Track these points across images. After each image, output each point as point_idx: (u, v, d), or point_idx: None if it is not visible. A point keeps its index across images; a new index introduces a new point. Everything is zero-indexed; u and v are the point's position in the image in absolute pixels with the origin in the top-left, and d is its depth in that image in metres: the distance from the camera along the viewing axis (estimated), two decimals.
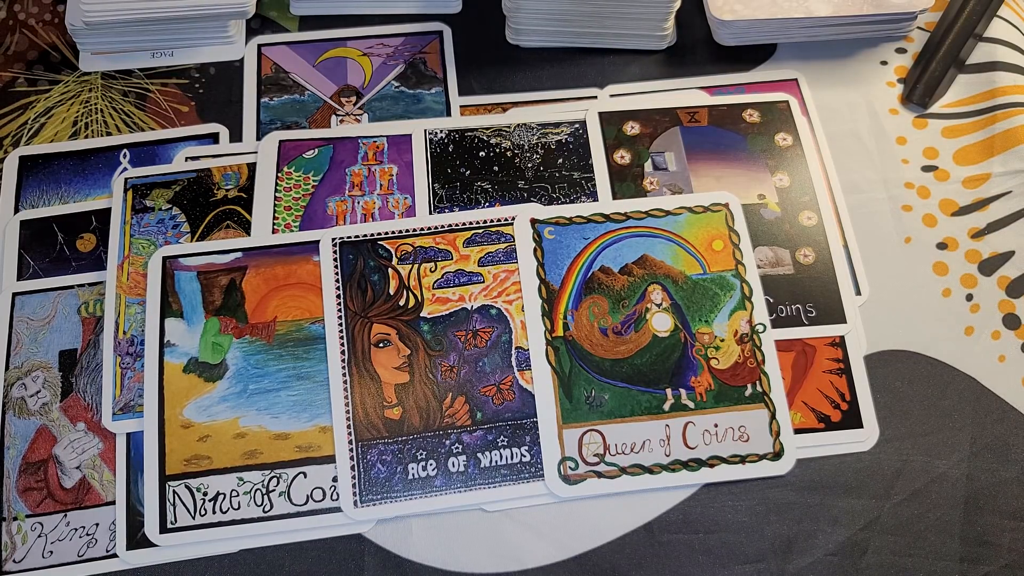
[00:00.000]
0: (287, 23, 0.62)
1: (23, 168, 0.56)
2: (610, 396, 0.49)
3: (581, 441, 0.48)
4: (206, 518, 0.46)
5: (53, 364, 0.50)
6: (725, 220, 0.53)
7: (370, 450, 0.47)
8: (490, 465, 0.47)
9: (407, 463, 0.47)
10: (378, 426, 0.48)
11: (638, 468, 0.47)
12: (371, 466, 0.47)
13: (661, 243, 0.52)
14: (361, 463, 0.47)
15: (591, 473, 0.47)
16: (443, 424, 0.48)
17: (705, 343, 0.50)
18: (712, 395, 0.49)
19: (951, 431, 0.50)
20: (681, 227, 0.53)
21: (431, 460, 0.47)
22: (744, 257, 0.52)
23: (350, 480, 0.47)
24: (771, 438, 0.48)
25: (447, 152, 0.56)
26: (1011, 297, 0.53)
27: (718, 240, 0.53)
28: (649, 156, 0.56)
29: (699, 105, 0.58)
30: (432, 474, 0.47)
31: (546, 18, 0.59)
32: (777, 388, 0.49)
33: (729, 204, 0.54)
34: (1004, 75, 0.59)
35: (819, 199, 0.55)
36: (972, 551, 0.47)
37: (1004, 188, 0.56)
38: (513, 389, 0.49)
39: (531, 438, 0.48)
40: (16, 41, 0.61)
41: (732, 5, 0.59)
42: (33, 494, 0.47)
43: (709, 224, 0.53)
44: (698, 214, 0.53)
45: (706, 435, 0.48)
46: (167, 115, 0.58)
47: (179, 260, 0.52)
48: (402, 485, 0.47)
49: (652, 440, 0.48)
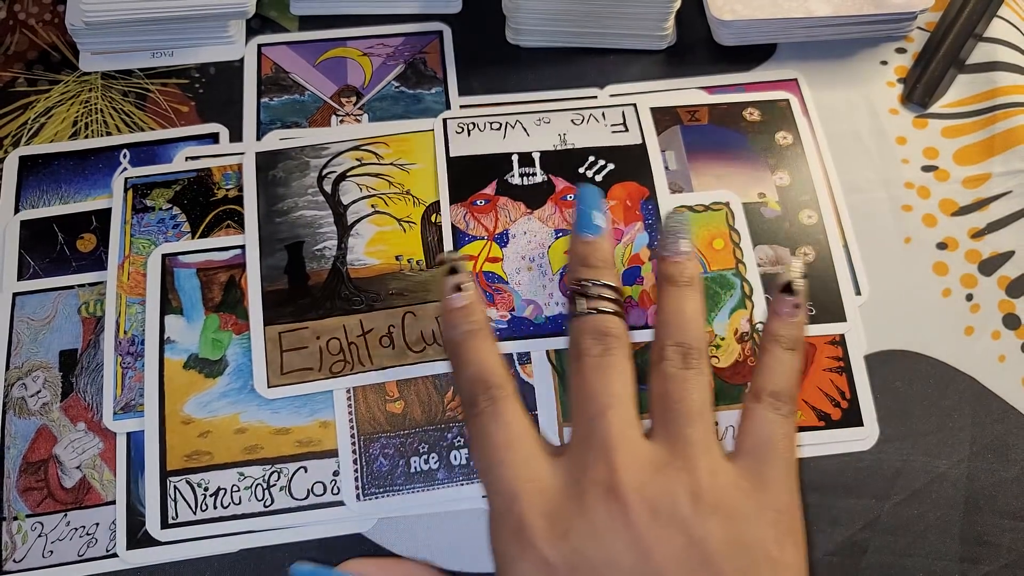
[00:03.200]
0: (287, 23, 0.62)
1: (23, 168, 0.56)
2: None
3: None
4: (207, 513, 0.46)
5: (53, 364, 0.50)
6: (726, 219, 0.53)
7: (372, 444, 0.47)
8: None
9: (409, 456, 0.47)
10: (380, 420, 0.48)
11: None
12: (373, 459, 0.47)
13: None
14: (363, 457, 0.47)
15: None
16: (445, 417, 0.48)
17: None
18: (713, 393, 0.49)
19: (951, 431, 0.50)
20: None
21: (433, 453, 0.47)
22: (744, 256, 0.52)
23: (352, 474, 0.47)
24: None
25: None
26: (1011, 297, 0.53)
27: (719, 239, 0.53)
28: None
29: (699, 104, 0.58)
30: (435, 467, 0.47)
31: (546, 18, 0.59)
32: None
33: (730, 203, 0.54)
34: (1004, 75, 0.59)
35: (819, 198, 0.55)
36: (972, 551, 0.47)
37: (1004, 188, 0.56)
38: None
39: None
40: (16, 41, 0.61)
41: (732, 5, 0.59)
42: (33, 494, 0.47)
43: (710, 223, 0.53)
44: (699, 213, 0.53)
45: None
46: (167, 115, 0.58)
47: (178, 257, 0.52)
48: (404, 478, 0.47)
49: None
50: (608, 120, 0.56)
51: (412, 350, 0.49)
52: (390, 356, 0.49)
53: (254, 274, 0.51)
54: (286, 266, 0.51)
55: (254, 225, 0.52)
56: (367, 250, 0.52)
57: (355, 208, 0.53)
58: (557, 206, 0.52)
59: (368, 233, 0.52)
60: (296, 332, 0.49)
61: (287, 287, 0.51)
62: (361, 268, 0.51)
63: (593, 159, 0.54)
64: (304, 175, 0.54)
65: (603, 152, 0.54)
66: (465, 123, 0.55)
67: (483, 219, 0.52)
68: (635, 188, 0.53)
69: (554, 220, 0.52)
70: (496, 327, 0.49)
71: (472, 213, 0.52)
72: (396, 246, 0.52)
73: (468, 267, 0.47)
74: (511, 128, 0.55)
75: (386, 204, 0.53)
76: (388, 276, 0.51)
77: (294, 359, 0.49)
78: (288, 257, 0.51)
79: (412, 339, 0.49)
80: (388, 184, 0.53)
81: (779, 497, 0.40)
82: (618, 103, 0.57)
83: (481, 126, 0.55)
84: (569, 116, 0.56)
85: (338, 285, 0.51)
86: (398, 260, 0.51)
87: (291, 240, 0.52)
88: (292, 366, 0.49)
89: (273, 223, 0.52)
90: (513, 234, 0.52)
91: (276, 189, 0.53)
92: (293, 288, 0.51)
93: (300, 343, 0.49)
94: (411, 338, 0.49)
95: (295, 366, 0.49)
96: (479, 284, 0.50)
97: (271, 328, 0.49)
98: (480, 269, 0.51)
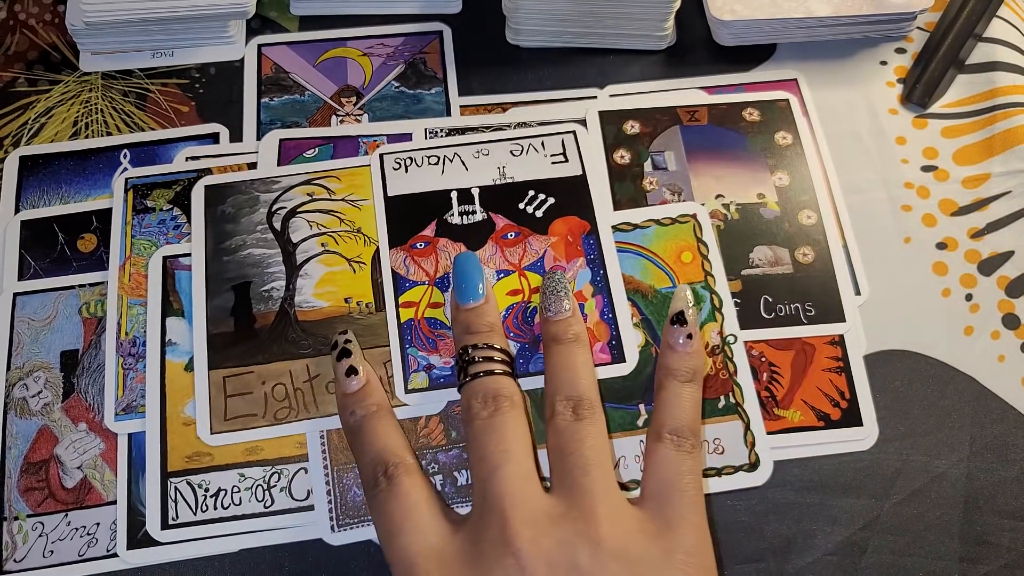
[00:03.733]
0: (287, 23, 0.62)
1: (23, 168, 0.56)
2: None
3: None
4: (207, 514, 0.46)
5: (54, 365, 0.50)
6: (693, 231, 0.53)
7: (346, 474, 0.47)
8: (467, 483, 0.47)
9: None
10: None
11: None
12: (348, 490, 0.47)
13: (630, 257, 0.52)
14: (337, 487, 0.47)
15: None
16: (418, 444, 0.47)
17: None
18: None
19: (951, 431, 0.50)
20: (649, 240, 0.52)
21: None
22: (713, 268, 0.52)
23: (327, 506, 0.46)
24: (746, 449, 0.48)
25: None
26: (1011, 297, 0.53)
27: (686, 252, 0.52)
28: (649, 155, 0.56)
29: (699, 104, 0.58)
30: None
31: (546, 18, 0.59)
32: (750, 398, 0.49)
33: (697, 215, 0.53)
34: (1004, 75, 0.59)
35: (819, 198, 0.55)
36: (972, 551, 0.47)
37: (1004, 188, 0.56)
38: None
39: None
40: (16, 41, 0.61)
41: (732, 5, 0.59)
42: (34, 494, 0.47)
43: (677, 236, 0.53)
44: (666, 226, 0.53)
45: None
46: (167, 115, 0.58)
47: (179, 259, 0.52)
48: None
49: (627, 457, 0.47)
50: (547, 150, 0.54)
51: None
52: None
53: (200, 316, 0.49)
54: (232, 307, 0.50)
55: (201, 264, 0.51)
56: (316, 291, 0.50)
57: (304, 247, 0.51)
58: (498, 246, 0.51)
59: (317, 273, 0.51)
60: (241, 377, 0.48)
61: (233, 329, 0.49)
62: (309, 310, 0.50)
63: (533, 193, 0.53)
64: (254, 211, 0.52)
65: (543, 185, 0.53)
66: (402, 158, 0.54)
67: (423, 263, 0.51)
68: (576, 222, 0.52)
69: (495, 261, 0.51)
70: (439, 374, 0.48)
71: (412, 257, 0.51)
72: (345, 287, 0.50)
73: (358, 350, 0.46)
74: (449, 162, 0.53)
75: (336, 243, 0.51)
76: (336, 319, 0.49)
77: (239, 405, 0.48)
78: (235, 298, 0.50)
79: None
80: (339, 221, 0.52)
81: (686, 538, 0.39)
82: (557, 131, 0.55)
83: (419, 161, 0.53)
84: (508, 147, 0.54)
85: (285, 328, 0.49)
86: (347, 303, 0.50)
87: (238, 280, 0.50)
88: (236, 412, 0.47)
89: (221, 261, 0.51)
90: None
91: (225, 225, 0.52)
92: (239, 330, 0.49)
93: (245, 388, 0.48)
94: None
95: (239, 412, 0.47)
96: (423, 330, 0.49)
97: (216, 372, 0.48)
98: (422, 316, 0.49)
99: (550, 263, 0.51)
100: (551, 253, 0.51)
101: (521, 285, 0.50)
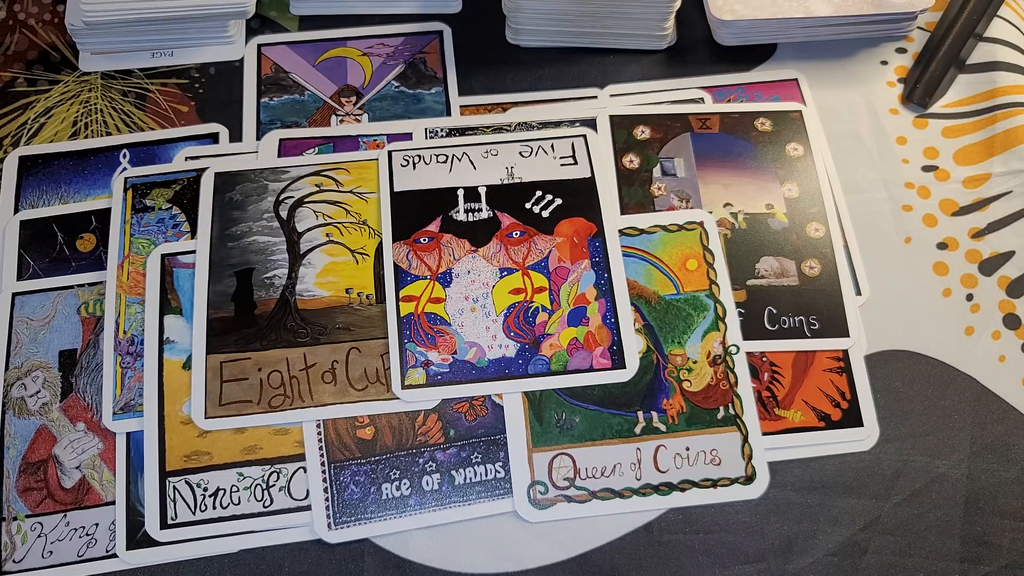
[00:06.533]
0: (287, 23, 0.62)
1: (23, 168, 0.56)
2: (581, 419, 0.48)
3: (551, 465, 0.47)
4: (207, 513, 0.46)
5: (53, 364, 0.50)
6: (699, 239, 0.53)
7: (343, 471, 0.47)
8: (464, 482, 0.47)
9: (381, 483, 0.47)
10: (350, 446, 0.48)
11: (608, 492, 0.47)
12: (344, 487, 0.47)
13: (634, 262, 0.52)
14: (334, 485, 0.47)
15: (561, 498, 0.47)
16: (416, 443, 0.48)
17: (678, 365, 0.49)
18: (684, 418, 0.48)
19: (951, 431, 0.50)
20: (655, 246, 0.52)
21: (405, 479, 0.47)
22: (718, 277, 0.51)
23: (323, 503, 0.46)
24: (743, 461, 0.48)
25: None
26: (1011, 297, 0.53)
27: (692, 259, 0.52)
28: (658, 161, 0.56)
29: (711, 112, 0.58)
30: (406, 493, 0.47)
31: (546, 18, 0.59)
32: (750, 410, 0.49)
33: (704, 223, 0.53)
34: (1004, 75, 0.59)
35: (827, 211, 0.54)
36: (972, 551, 0.47)
37: (1004, 188, 0.56)
38: (485, 405, 0.49)
39: (505, 453, 0.48)
40: (16, 41, 0.61)
41: (732, 5, 0.59)
42: (33, 494, 0.47)
43: (683, 243, 0.52)
44: (672, 233, 0.53)
45: (677, 459, 0.48)
46: (167, 115, 0.58)
47: (178, 257, 0.52)
48: (376, 506, 0.46)
49: (623, 464, 0.47)
50: (557, 152, 0.54)
51: (354, 388, 0.48)
52: (331, 393, 0.48)
53: (201, 300, 0.50)
54: (234, 293, 0.50)
55: (205, 249, 0.51)
56: (317, 281, 0.50)
57: (309, 236, 0.52)
58: (502, 243, 0.51)
59: (320, 263, 0.51)
60: (238, 362, 0.48)
61: (233, 315, 0.49)
62: (310, 299, 0.50)
63: (540, 194, 0.53)
64: (261, 199, 0.53)
65: (551, 186, 0.53)
66: (411, 156, 0.54)
67: (426, 258, 0.51)
68: (583, 224, 0.52)
69: (499, 259, 0.51)
70: (437, 371, 0.48)
71: (415, 251, 0.51)
72: (347, 278, 0.51)
73: None
74: (458, 161, 0.54)
75: (341, 234, 0.52)
76: (336, 309, 0.50)
77: (234, 390, 0.48)
78: (237, 284, 0.50)
79: (355, 376, 0.48)
80: (345, 213, 0.52)
81: None
82: (568, 134, 0.56)
83: (427, 159, 0.54)
84: (517, 148, 0.55)
85: (285, 316, 0.49)
86: (348, 293, 0.50)
87: (241, 266, 0.51)
88: (231, 398, 0.48)
89: (225, 247, 0.51)
90: (456, 273, 0.51)
91: (231, 212, 0.52)
92: (239, 316, 0.49)
93: (241, 374, 0.48)
94: (354, 375, 0.48)
95: (234, 398, 0.47)
96: (422, 325, 0.49)
97: (213, 357, 0.48)
98: (422, 311, 0.50)
99: (555, 264, 0.51)
100: (556, 254, 0.51)
101: (524, 284, 0.50)
